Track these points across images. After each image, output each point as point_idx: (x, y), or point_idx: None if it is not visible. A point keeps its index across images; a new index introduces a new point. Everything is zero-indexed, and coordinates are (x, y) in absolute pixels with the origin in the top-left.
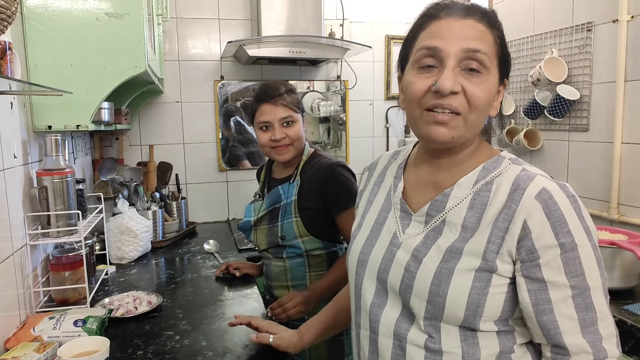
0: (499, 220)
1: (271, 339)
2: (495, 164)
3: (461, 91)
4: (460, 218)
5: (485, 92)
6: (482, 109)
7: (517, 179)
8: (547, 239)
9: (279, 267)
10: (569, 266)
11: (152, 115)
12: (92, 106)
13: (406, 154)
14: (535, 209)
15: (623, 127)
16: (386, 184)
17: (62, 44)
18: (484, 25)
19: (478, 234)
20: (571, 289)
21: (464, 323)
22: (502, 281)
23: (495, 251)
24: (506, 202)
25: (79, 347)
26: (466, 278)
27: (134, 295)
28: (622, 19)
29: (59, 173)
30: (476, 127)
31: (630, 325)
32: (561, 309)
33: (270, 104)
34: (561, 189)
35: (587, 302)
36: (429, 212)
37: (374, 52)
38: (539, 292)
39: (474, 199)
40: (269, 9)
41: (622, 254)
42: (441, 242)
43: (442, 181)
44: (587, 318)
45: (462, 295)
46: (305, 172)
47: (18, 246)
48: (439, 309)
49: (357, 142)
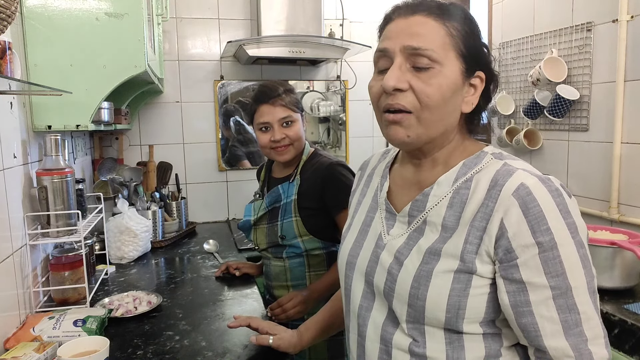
0: (477, 220)
1: (271, 340)
2: (476, 160)
3: (409, 88)
4: (440, 217)
5: (436, 88)
6: (436, 105)
7: (496, 175)
8: (524, 238)
9: (278, 267)
10: (548, 266)
11: (151, 115)
12: (91, 106)
13: (394, 153)
14: (512, 207)
15: (623, 127)
16: (374, 183)
17: (62, 44)
18: (433, 19)
19: (456, 234)
20: (551, 289)
21: (447, 325)
22: (483, 282)
23: (473, 252)
24: (484, 200)
25: (79, 347)
26: (445, 280)
27: (134, 295)
28: (622, 19)
29: (59, 173)
30: (436, 124)
31: (630, 324)
32: (541, 311)
33: (269, 105)
34: (542, 183)
35: (570, 302)
36: (411, 212)
37: (373, 52)
38: (517, 294)
39: (454, 197)
40: (269, 9)
41: (622, 253)
42: (422, 243)
43: (424, 180)
44: (570, 319)
45: (442, 298)
46: (305, 172)
47: (18, 246)
48: (420, 312)
49: (356, 142)
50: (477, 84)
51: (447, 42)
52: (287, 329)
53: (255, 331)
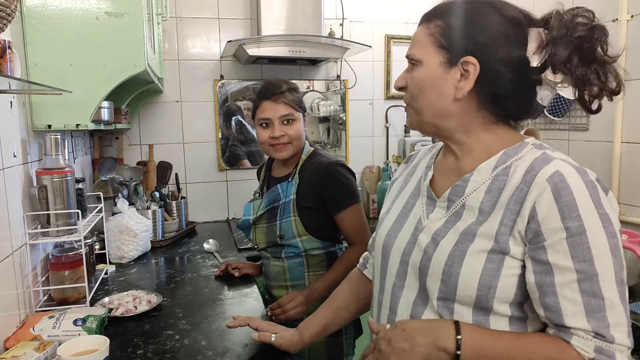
0: (512, 203)
1: (273, 338)
2: (517, 149)
3: (406, 85)
4: (478, 202)
5: (414, 81)
6: (416, 95)
7: (534, 162)
8: (553, 222)
9: (277, 267)
10: (575, 250)
11: (151, 114)
12: (91, 105)
13: (439, 147)
14: (545, 192)
15: (623, 127)
16: (417, 173)
17: (62, 43)
18: (421, 26)
19: (492, 217)
20: (577, 273)
21: (477, 303)
22: (515, 263)
23: (507, 233)
24: (519, 185)
25: (79, 346)
26: (478, 259)
27: (134, 294)
28: (622, 18)
29: (59, 172)
30: (426, 110)
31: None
32: (565, 292)
33: (271, 101)
34: (578, 173)
35: (594, 288)
36: (450, 197)
37: (373, 51)
38: (543, 275)
39: (492, 183)
40: (269, 9)
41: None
42: (459, 226)
43: (464, 167)
44: (594, 304)
45: (474, 276)
46: (304, 171)
47: (17, 245)
48: (452, 289)
49: (356, 142)
50: (470, 69)
51: (427, 40)
52: (287, 328)
53: (255, 330)
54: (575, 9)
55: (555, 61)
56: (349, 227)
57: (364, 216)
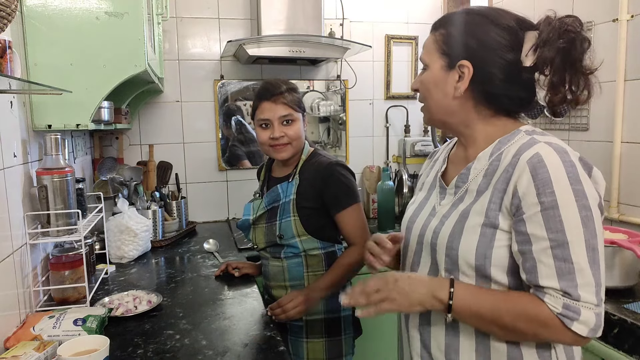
0: (499, 183)
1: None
2: (510, 137)
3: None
4: (477, 185)
5: (423, 83)
6: (425, 95)
7: (521, 147)
8: (530, 197)
9: (276, 267)
10: (548, 222)
11: (152, 114)
12: (91, 105)
13: (454, 142)
14: (524, 172)
15: (623, 126)
16: (436, 167)
17: (62, 43)
18: (430, 33)
19: (483, 196)
20: (550, 241)
21: (478, 272)
22: (505, 236)
23: (496, 209)
24: (506, 167)
25: (79, 346)
26: (473, 234)
27: (134, 294)
28: (622, 18)
29: (59, 172)
30: (434, 108)
31: (630, 323)
32: (541, 258)
33: (271, 102)
34: (557, 154)
35: (565, 254)
36: (457, 184)
37: (374, 51)
38: (523, 244)
39: (488, 169)
40: (269, 9)
41: (622, 252)
42: (460, 207)
43: (469, 156)
44: (564, 267)
45: (471, 248)
46: (304, 171)
47: (18, 245)
48: (455, 260)
49: (357, 142)
50: (465, 71)
51: (432, 47)
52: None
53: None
54: (567, 16)
55: (539, 62)
56: (349, 227)
57: (363, 216)
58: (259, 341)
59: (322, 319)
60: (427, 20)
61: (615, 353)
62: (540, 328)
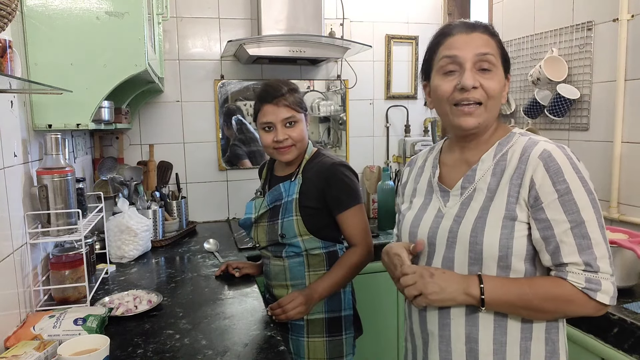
0: (514, 178)
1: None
2: (508, 139)
3: (479, 86)
4: (486, 184)
5: (497, 84)
6: (496, 96)
7: (525, 146)
8: (546, 187)
9: (278, 267)
10: (565, 206)
11: (152, 114)
12: (92, 105)
13: (439, 147)
14: (538, 166)
15: (623, 126)
16: (426, 173)
17: (62, 43)
18: (488, 35)
19: (500, 192)
20: (569, 222)
21: (500, 263)
22: (523, 227)
23: (514, 202)
24: (518, 164)
25: (79, 346)
26: (496, 227)
27: (134, 294)
28: (623, 18)
29: (59, 172)
30: (494, 112)
31: (630, 323)
32: (562, 238)
33: (273, 105)
34: (559, 150)
35: (583, 231)
36: (463, 185)
37: (374, 51)
38: (545, 230)
39: (495, 168)
40: (269, 8)
41: (623, 252)
42: (473, 205)
43: (470, 158)
44: (584, 244)
45: (494, 241)
46: (307, 171)
47: (18, 245)
48: (479, 254)
49: (357, 142)
50: (506, 82)
51: (498, 52)
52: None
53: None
54: None
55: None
56: (351, 228)
57: (365, 217)
58: (259, 341)
59: (323, 318)
60: (427, 20)
61: (615, 353)
62: (565, 304)
